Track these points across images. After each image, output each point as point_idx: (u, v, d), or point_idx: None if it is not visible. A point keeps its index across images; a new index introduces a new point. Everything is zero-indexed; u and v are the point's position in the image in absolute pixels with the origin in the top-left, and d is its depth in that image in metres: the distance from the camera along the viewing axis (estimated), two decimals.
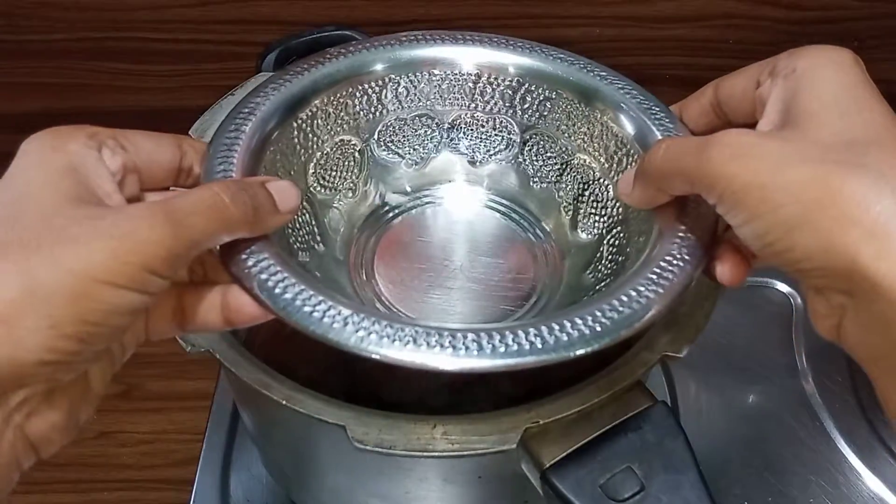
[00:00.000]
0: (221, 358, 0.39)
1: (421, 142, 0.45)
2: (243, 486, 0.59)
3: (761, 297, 0.68)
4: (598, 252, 0.42)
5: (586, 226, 0.43)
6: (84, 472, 0.67)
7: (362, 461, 0.41)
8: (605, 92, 0.41)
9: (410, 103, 0.44)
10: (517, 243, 0.44)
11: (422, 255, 0.43)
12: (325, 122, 0.42)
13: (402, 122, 0.44)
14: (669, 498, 0.36)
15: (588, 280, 0.41)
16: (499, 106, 0.44)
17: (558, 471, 0.36)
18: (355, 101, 0.43)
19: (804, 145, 0.28)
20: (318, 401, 0.37)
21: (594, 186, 0.43)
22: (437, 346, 0.31)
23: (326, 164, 0.43)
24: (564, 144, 0.44)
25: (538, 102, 0.44)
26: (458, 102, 0.44)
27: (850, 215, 0.25)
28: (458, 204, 0.45)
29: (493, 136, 0.45)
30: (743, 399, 0.63)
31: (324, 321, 0.31)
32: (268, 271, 0.32)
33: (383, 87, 0.43)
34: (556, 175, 0.44)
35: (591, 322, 0.32)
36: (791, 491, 0.58)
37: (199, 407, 0.66)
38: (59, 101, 0.68)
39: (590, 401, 0.37)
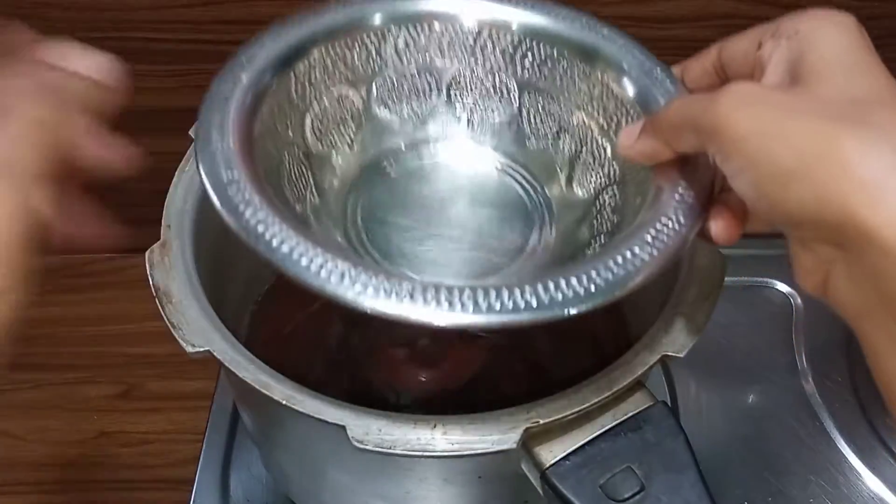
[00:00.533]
0: (221, 358, 0.39)
1: (419, 99, 0.44)
2: (243, 486, 0.59)
3: (761, 297, 0.68)
4: (592, 208, 0.42)
5: (582, 183, 0.43)
6: (84, 472, 0.67)
7: (362, 461, 0.41)
8: (606, 52, 0.41)
9: (410, 57, 0.43)
10: (512, 198, 0.43)
11: (416, 209, 0.43)
12: (322, 74, 0.41)
13: (402, 76, 0.43)
14: (669, 498, 0.36)
15: (583, 235, 0.41)
16: (499, 63, 0.44)
17: (558, 471, 0.36)
18: (354, 54, 0.42)
19: (809, 100, 0.28)
20: (318, 401, 0.37)
21: (591, 145, 0.42)
22: (433, 302, 0.31)
23: (324, 119, 0.42)
24: (563, 104, 0.43)
25: (539, 60, 0.43)
26: (457, 58, 0.44)
27: (848, 169, 0.25)
28: (454, 160, 0.44)
29: (491, 94, 0.44)
30: (743, 399, 0.63)
31: (321, 275, 0.31)
32: (265, 222, 0.33)
33: (383, 39, 0.42)
34: (553, 133, 0.44)
35: (585, 282, 0.32)
36: (791, 491, 0.58)
37: (199, 407, 0.66)
38: None
39: (590, 401, 0.37)
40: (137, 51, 0.66)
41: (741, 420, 0.62)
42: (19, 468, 0.67)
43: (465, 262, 0.41)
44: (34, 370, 0.72)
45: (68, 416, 0.70)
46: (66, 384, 0.72)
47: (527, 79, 0.43)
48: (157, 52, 0.66)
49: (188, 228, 0.44)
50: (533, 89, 0.44)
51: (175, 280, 0.41)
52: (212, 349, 0.39)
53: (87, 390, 0.71)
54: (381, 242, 0.41)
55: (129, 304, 0.76)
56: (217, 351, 0.39)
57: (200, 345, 0.39)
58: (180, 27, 0.64)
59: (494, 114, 0.45)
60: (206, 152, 0.36)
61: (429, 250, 0.41)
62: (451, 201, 0.43)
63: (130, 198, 0.78)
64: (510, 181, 0.44)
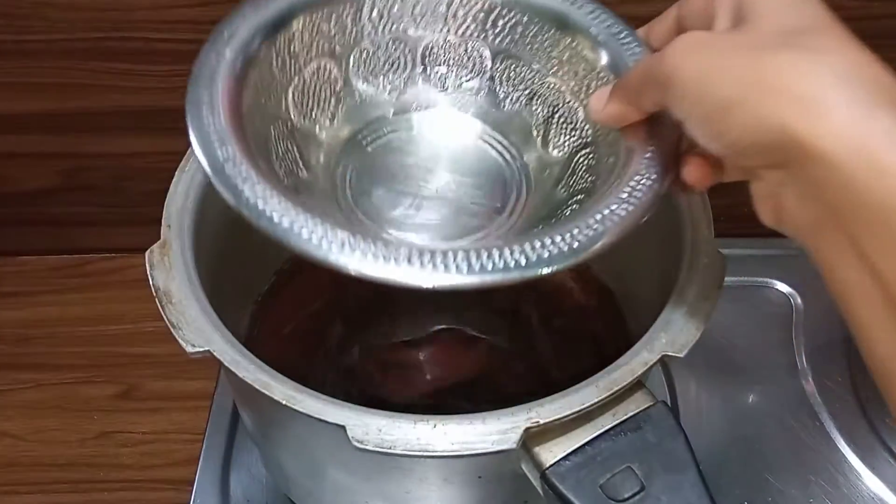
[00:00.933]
0: (221, 358, 0.39)
1: (396, 70, 0.45)
2: (243, 486, 0.59)
3: (761, 297, 0.68)
4: (568, 168, 0.43)
5: (557, 145, 0.44)
6: (84, 472, 0.67)
7: (362, 461, 0.41)
8: (575, 17, 0.42)
9: (384, 27, 0.44)
10: (491, 163, 0.45)
11: (401, 178, 0.44)
12: (301, 47, 0.42)
13: (377, 48, 0.44)
14: (669, 498, 0.36)
15: (560, 195, 0.42)
16: (471, 29, 0.45)
17: (558, 471, 0.36)
18: (330, 25, 0.43)
19: (748, 37, 0.30)
20: (318, 401, 0.37)
21: (564, 109, 0.44)
22: (429, 265, 0.33)
23: (305, 92, 0.43)
24: (535, 68, 0.44)
25: (510, 26, 0.44)
26: (430, 26, 0.45)
27: (785, 89, 0.27)
28: (434, 129, 0.46)
29: (465, 62, 0.45)
30: (743, 399, 0.63)
31: (322, 245, 0.33)
32: (263, 198, 0.34)
33: (357, 9, 0.43)
34: (526, 98, 0.45)
35: (569, 238, 0.34)
36: (791, 491, 0.58)
37: (199, 407, 0.66)
38: (59, 101, 0.68)
39: (590, 401, 0.37)
40: (137, 51, 0.66)
41: (741, 420, 0.62)
42: (19, 468, 0.67)
43: (450, 225, 0.42)
44: (34, 370, 0.72)
45: (68, 416, 0.70)
46: (66, 384, 0.72)
47: (498, 45, 0.45)
48: (157, 52, 0.66)
49: (188, 228, 0.44)
50: (505, 55, 0.45)
51: (175, 280, 0.41)
52: (212, 349, 0.39)
53: (87, 390, 0.71)
54: (371, 212, 0.42)
55: (129, 304, 0.76)
56: (217, 351, 0.39)
57: (200, 345, 0.39)
58: (180, 27, 0.64)
59: (470, 81, 0.46)
60: (199, 130, 0.36)
61: (415, 216, 0.42)
62: (433, 169, 0.44)
63: (130, 198, 0.78)
64: (488, 147, 0.45)
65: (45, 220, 0.79)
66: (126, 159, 0.74)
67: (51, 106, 0.69)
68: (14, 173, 0.75)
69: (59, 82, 0.68)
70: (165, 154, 0.51)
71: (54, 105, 0.69)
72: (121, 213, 0.78)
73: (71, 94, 0.68)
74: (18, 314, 0.76)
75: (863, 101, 0.26)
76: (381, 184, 0.43)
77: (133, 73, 0.67)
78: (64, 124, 0.71)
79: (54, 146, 0.73)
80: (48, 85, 0.68)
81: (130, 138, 0.72)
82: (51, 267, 0.80)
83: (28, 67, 0.67)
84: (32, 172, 0.75)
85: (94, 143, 0.72)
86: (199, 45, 0.66)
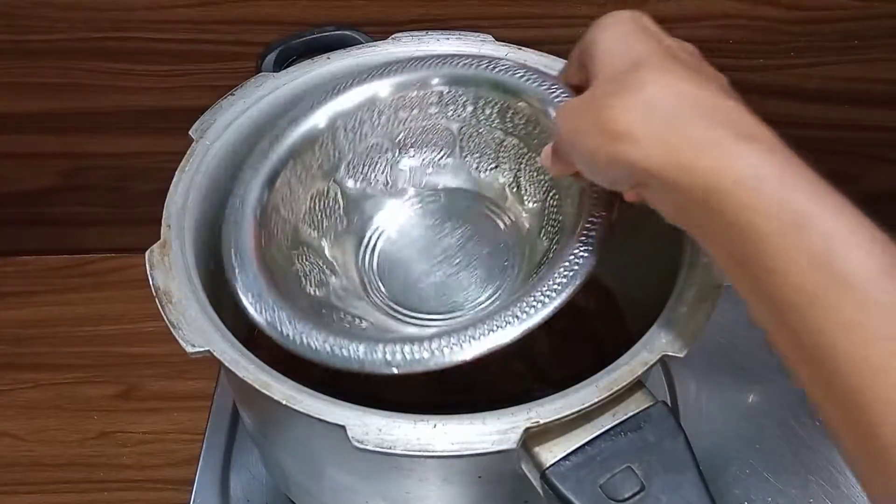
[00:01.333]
0: (221, 358, 0.39)
1: (381, 167, 0.51)
2: (243, 486, 0.59)
3: None
4: (543, 216, 0.48)
5: (530, 197, 0.49)
6: (84, 472, 0.67)
7: (362, 461, 0.41)
8: (511, 83, 0.47)
9: (359, 139, 0.50)
10: (486, 224, 0.50)
11: (416, 256, 0.50)
12: (297, 182, 0.48)
13: (359, 156, 0.50)
14: (669, 498, 0.36)
15: (543, 244, 0.47)
16: (432, 115, 0.50)
17: (558, 471, 0.36)
18: (315, 155, 0.49)
19: (593, 91, 0.35)
20: (318, 401, 0.37)
21: (527, 164, 0.49)
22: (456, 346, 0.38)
23: (313, 213, 0.49)
24: (495, 135, 0.49)
25: (462, 104, 0.49)
26: (396, 127, 0.50)
27: (614, 130, 0.33)
28: (429, 206, 0.51)
29: (435, 144, 0.51)
30: (743, 399, 0.63)
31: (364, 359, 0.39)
32: (311, 336, 0.40)
33: (332, 134, 0.49)
34: (494, 163, 0.50)
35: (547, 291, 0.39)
36: (791, 491, 0.58)
37: (199, 407, 0.66)
38: (59, 101, 0.68)
39: (590, 401, 0.37)
40: (137, 51, 0.66)
41: (741, 420, 0.62)
42: (19, 468, 0.67)
43: (473, 287, 0.48)
44: (34, 370, 0.73)
45: (68, 416, 0.70)
46: (66, 384, 0.72)
47: (459, 122, 0.50)
48: (157, 52, 0.66)
49: (188, 228, 0.44)
50: (467, 129, 0.50)
51: (175, 280, 0.41)
52: (212, 349, 0.39)
53: (87, 390, 0.71)
54: (400, 297, 0.48)
55: (129, 304, 0.76)
56: (217, 351, 0.39)
57: (200, 345, 0.39)
58: (180, 27, 0.64)
59: (446, 158, 0.51)
60: (244, 288, 0.42)
61: (434, 285, 0.48)
62: (438, 241, 0.50)
63: (130, 198, 0.78)
64: (481, 212, 0.51)
65: (45, 220, 0.79)
66: (126, 159, 0.74)
67: (51, 106, 0.70)
68: (14, 173, 0.75)
69: (59, 82, 0.68)
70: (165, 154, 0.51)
71: (54, 105, 0.69)
72: (121, 213, 0.78)
73: (71, 94, 0.69)
74: (18, 314, 0.76)
75: (671, 122, 0.31)
76: (400, 267, 0.49)
77: (133, 73, 0.67)
78: (64, 124, 0.71)
79: (54, 146, 0.73)
80: (48, 85, 0.68)
81: (130, 138, 0.72)
82: (51, 267, 0.80)
83: (28, 67, 0.67)
84: (32, 172, 0.75)
85: (94, 143, 0.72)
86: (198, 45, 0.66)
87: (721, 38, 0.66)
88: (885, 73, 0.69)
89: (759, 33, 0.66)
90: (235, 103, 0.49)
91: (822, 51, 0.67)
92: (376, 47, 0.53)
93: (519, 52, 0.52)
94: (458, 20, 0.65)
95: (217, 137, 0.48)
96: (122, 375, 0.72)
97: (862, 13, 0.65)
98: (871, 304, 0.27)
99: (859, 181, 0.77)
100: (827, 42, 0.67)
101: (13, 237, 0.80)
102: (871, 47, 0.67)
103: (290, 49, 0.53)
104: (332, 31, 0.54)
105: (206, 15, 0.64)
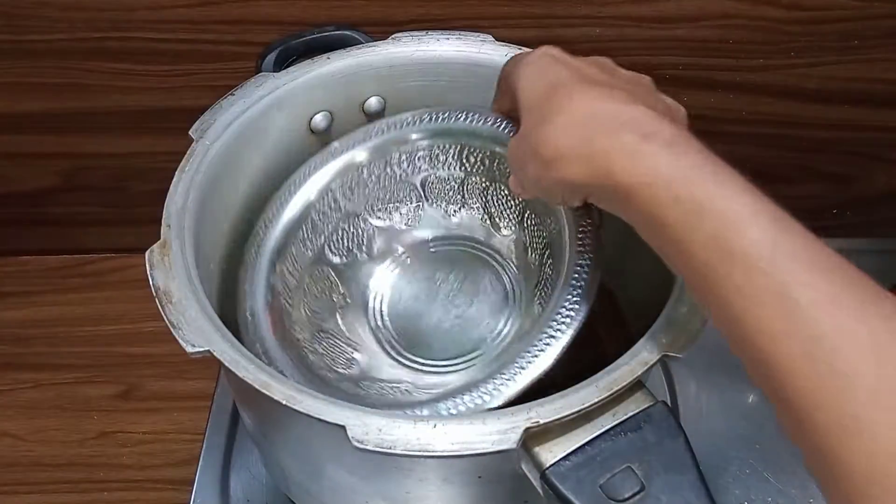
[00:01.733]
0: (221, 358, 0.39)
1: (357, 237, 0.53)
2: (243, 486, 0.59)
3: None
4: (526, 237, 0.51)
5: (506, 224, 0.52)
6: (84, 472, 0.67)
7: (362, 461, 0.41)
8: (463, 127, 0.49)
9: (331, 216, 0.52)
10: (473, 261, 0.52)
11: (421, 308, 0.51)
12: (296, 262, 0.50)
13: (336, 231, 0.52)
14: (669, 498, 0.36)
15: (535, 261, 0.49)
16: (394, 174, 0.52)
17: (558, 471, 0.36)
18: (307, 231, 0.51)
19: (523, 126, 0.39)
20: (318, 401, 0.37)
21: (492, 194, 0.51)
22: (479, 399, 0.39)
23: (318, 300, 0.51)
24: (454, 176, 0.52)
25: (420, 157, 0.52)
26: (365, 194, 0.52)
27: (542, 155, 0.36)
28: (418, 259, 0.53)
29: (406, 197, 0.53)
30: (743, 399, 0.63)
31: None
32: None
33: (309, 223, 0.51)
34: (459, 203, 0.53)
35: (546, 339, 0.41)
36: (791, 491, 0.58)
37: (199, 407, 0.66)
38: (59, 101, 0.68)
39: (590, 401, 0.37)
40: (137, 51, 0.66)
41: (741, 420, 0.62)
42: (19, 468, 0.67)
43: (478, 323, 0.50)
44: (34, 370, 0.73)
45: (68, 416, 0.70)
46: (66, 384, 0.72)
47: (423, 173, 0.52)
48: (157, 52, 0.66)
49: (188, 228, 0.44)
50: (428, 178, 0.52)
51: (175, 280, 0.41)
52: (212, 349, 0.39)
53: (87, 390, 0.71)
54: (420, 349, 0.50)
55: (129, 304, 0.76)
56: (217, 351, 0.39)
57: (200, 345, 0.39)
58: (180, 27, 0.64)
59: (415, 213, 0.53)
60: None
61: (449, 330, 0.50)
62: (436, 290, 0.52)
63: (130, 198, 0.78)
64: (463, 251, 0.53)
65: (45, 220, 0.79)
66: (126, 159, 0.74)
67: (50, 106, 0.70)
68: (14, 173, 0.75)
69: (59, 82, 0.68)
70: (165, 154, 0.51)
71: (54, 105, 0.69)
72: (121, 213, 0.78)
73: (71, 94, 0.69)
74: (18, 314, 0.76)
75: (587, 137, 0.35)
76: (412, 325, 0.51)
77: (133, 73, 0.67)
78: (64, 124, 0.71)
79: (54, 146, 0.73)
80: (48, 85, 0.68)
81: (130, 138, 0.72)
82: (51, 267, 0.80)
83: (28, 67, 0.67)
84: (32, 172, 0.75)
85: (94, 143, 0.72)
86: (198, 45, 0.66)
87: (721, 38, 0.66)
88: (885, 73, 0.69)
89: (759, 33, 0.66)
90: (235, 103, 0.49)
91: (822, 51, 0.67)
92: (376, 47, 0.53)
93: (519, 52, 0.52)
94: (458, 20, 0.65)
95: (217, 137, 0.48)
96: (122, 375, 0.72)
97: (862, 13, 0.65)
98: (756, 272, 0.30)
99: (859, 181, 0.77)
100: (827, 42, 0.67)
101: (13, 237, 0.80)
102: (871, 47, 0.67)
103: (290, 49, 0.53)
104: (332, 31, 0.54)
105: (206, 15, 0.64)
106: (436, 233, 0.54)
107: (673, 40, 0.66)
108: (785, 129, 0.73)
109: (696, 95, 0.69)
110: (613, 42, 0.65)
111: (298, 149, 0.53)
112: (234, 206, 0.51)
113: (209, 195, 0.46)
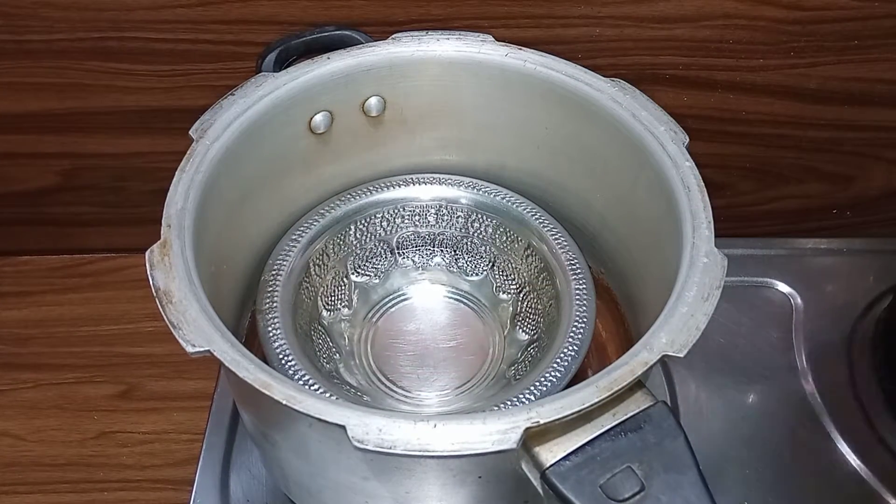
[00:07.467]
0: (221, 358, 0.39)
1: (380, 262, 0.58)
2: (243, 486, 0.59)
3: (761, 297, 0.68)
4: (517, 308, 0.56)
5: (503, 289, 0.57)
6: (84, 472, 0.67)
7: (362, 461, 0.41)
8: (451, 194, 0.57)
9: (365, 238, 0.57)
10: (467, 314, 0.57)
11: (406, 342, 0.56)
12: (322, 267, 0.55)
13: (365, 251, 0.58)
14: (669, 498, 0.36)
15: (521, 336, 0.55)
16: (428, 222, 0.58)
17: (558, 471, 0.36)
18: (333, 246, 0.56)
19: None
20: (318, 401, 0.37)
21: (499, 263, 0.57)
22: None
23: (330, 294, 0.56)
24: (453, 234, 0.58)
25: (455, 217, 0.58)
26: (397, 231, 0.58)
27: None
28: (418, 298, 0.58)
29: (423, 244, 0.59)
30: (743, 399, 0.63)
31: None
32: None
33: (345, 232, 0.56)
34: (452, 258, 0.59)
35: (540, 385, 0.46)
36: (791, 491, 0.58)
37: (199, 407, 0.66)
38: (59, 101, 0.68)
39: (590, 401, 0.37)
40: (137, 51, 0.66)
41: (741, 420, 0.62)
42: (19, 468, 0.67)
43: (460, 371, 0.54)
44: (34, 370, 0.73)
45: (68, 416, 0.70)
46: (66, 384, 0.72)
47: (451, 229, 0.58)
48: (157, 52, 0.66)
49: (188, 228, 0.44)
50: (441, 237, 0.58)
51: (175, 280, 0.41)
52: (212, 349, 0.39)
53: (87, 390, 0.71)
54: (393, 375, 0.54)
55: (129, 304, 0.76)
56: (217, 351, 0.39)
57: (200, 345, 0.39)
58: (180, 27, 0.64)
59: (428, 259, 0.59)
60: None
61: (423, 369, 0.54)
62: (426, 328, 0.56)
63: (130, 198, 0.78)
64: (461, 303, 0.58)
65: (45, 220, 0.79)
66: (126, 159, 0.74)
67: (50, 106, 0.69)
68: (14, 173, 0.75)
69: (59, 82, 0.68)
70: (165, 154, 0.52)
71: (54, 105, 0.69)
72: (121, 213, 0.78)
73: (70, 93, 0.69)
74: (18, 314, 0.76)
75: None
76: (394, 350, 0.55)
77: (132, 73, 0.67)
78: (63, 124, 0.71)
79: (54, 146, 0.73)
80: (47, 85, 0.68)
81: (130, 138, 0.72)
82: (51, 267, 0.80)
83: (28, 67, 0.67)
84: (32, 172, 0.75)
85: (94, 143, 0.72)
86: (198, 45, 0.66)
87: (721, 38, 0.66)
88: (885, 73, 0.69)
89: (759, 33, 0.66)
90: (235, 103, 0.49)
91: (822, 51, 0.67)
92: (376, 47, 0.53)
93: (519, 52, 0.52)
94: (458, 20, 0.65)
95: (217, 137, 0.48)
96: (122, 375, 0.72)
97: (862, 13, 0.65)
98: None
99: (859, 181, 0.77)
100: (827, 42, 0.67)
101: (13, 237, 0.80)
102: (871, 47, 0.67)
103: (290, 49, 0.53)
104: (332, 31, 0.54)
105: (206, 15, 0.64)
106: (443, 281, 0.59)
107: (673, 40, 0.66)
108: (785, 129, 0.73)
109: (696, 95, 0.69)
110: (613, 42, 0.65)
111: (298, 149, 0.53)
112: (234, 206, 0.51)
113: (209, 195, 0.46)
